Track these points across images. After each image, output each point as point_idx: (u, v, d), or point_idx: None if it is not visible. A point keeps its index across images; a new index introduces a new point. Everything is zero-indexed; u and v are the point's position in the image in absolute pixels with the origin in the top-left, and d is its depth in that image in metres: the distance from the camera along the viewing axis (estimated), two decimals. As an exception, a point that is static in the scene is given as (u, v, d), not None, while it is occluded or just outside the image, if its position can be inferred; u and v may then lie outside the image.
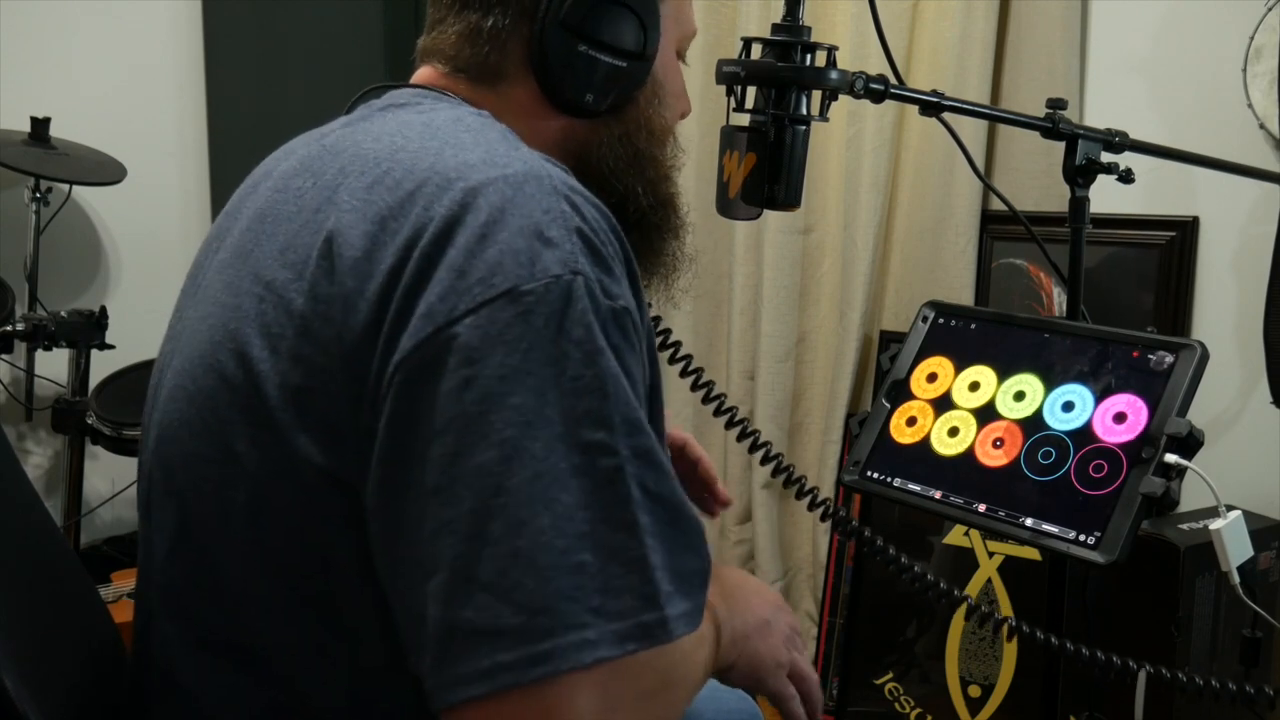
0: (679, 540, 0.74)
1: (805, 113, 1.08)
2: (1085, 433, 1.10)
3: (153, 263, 2.68)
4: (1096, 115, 2.20)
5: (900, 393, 1.26)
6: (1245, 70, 1.97)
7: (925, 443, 1.21)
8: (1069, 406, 1.13)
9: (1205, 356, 1.08)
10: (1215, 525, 1.07)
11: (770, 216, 2.43)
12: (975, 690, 2.11)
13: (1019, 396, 1.17)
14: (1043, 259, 1.42)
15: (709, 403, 0.99)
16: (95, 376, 2.39)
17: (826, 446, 2.50)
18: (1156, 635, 1.78)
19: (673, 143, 1.00)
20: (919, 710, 2.21)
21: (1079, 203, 1.29)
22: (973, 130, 2.23)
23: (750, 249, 2.55)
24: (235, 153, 2.71)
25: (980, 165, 2.10)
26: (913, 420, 1.23)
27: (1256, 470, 1.96)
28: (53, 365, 2.48)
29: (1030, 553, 2.00)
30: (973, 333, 1.25)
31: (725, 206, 1.11)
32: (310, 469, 0.76)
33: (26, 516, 1.02)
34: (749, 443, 1.01)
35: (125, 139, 2.51)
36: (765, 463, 1.02)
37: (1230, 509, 1.08)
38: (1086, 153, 1.27)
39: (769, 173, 1.07)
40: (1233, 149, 1.82)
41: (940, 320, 1.29)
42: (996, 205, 2.30)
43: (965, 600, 1.03)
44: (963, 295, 2.32)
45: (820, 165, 2.47)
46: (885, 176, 2.40)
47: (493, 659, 0.67)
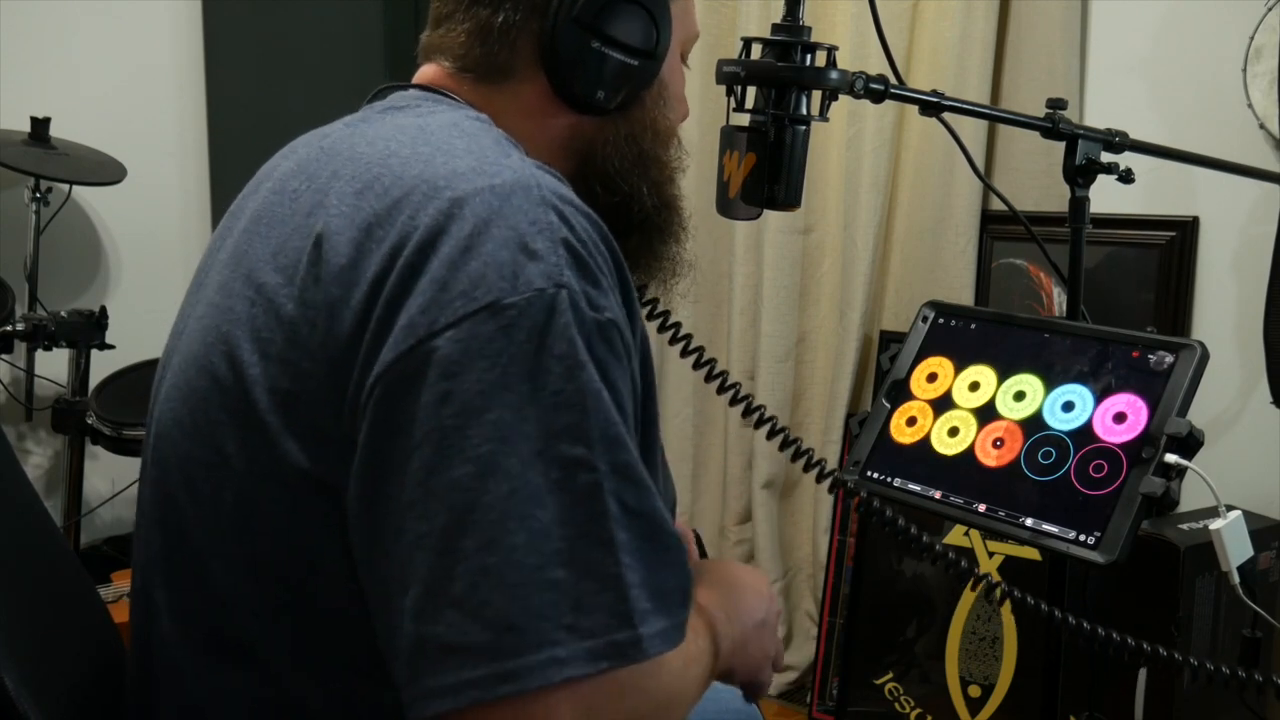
0: (658, 557, 0.73)
1: (805, 113, 1.08)
2: (1085, 432, 1.10)
3: (153, 263, 2.68)
4: (1096, 115, 2.20)
5: (900, 393, 1.26)
6: (1245, 70, 1.97)
7: (925, 443, 1.21)
8: (1069, 406, 1.13)
9: (1205, 356, 1.08)
10: (1215, 525, 1.07)
11: (770, 216, 2.43)
12: (975, 690, 2.11)
13: (1019, 396, 1.17)
14: (1043, 259, 1.42)
15: (711, 380, 0.99)
16: (95, 376, 2.39)
17: (826, 446, 2.50)
18: (1156, 635, 1.77)
19: (676, 145, 1.00)
20: (919, 710, 2.21)
21: (1079, 203, 1.29)
22: (973, 130, 2.23)
23: (750, 249, 2.56)
24: (235, 153, 2.71)
25: (980, 165, 2.10)
26: (913, 420, 1.23)
27: (1256, 470, 1.96)
28: (53, 365, 2.48)
29: (1030, 553, 2.00)
30: (973, 333, 1.25)
31: (725, 206, 1.11)
32: (296, 473, 0.76)
33: (26, 517, 1.02)
34: (754, 418, 1.01)
35: (125, 139, 2.51)
36: (772, 436, 1.01)
37: (1230, 509, 1.08)
38: (1086, 153, 1.27)
39: (769, 173, 1.07)
40: (1233, 149, 1.82)
41: (940, 320, 1.29)
42: (996, 205, 2.30)
43: (976, 575, 1.03)
44: (963, 295, 2.32)
45: (820, 165, 2.47)
46: (885, 176, 2.40)
47: (459, 675, 0.67)
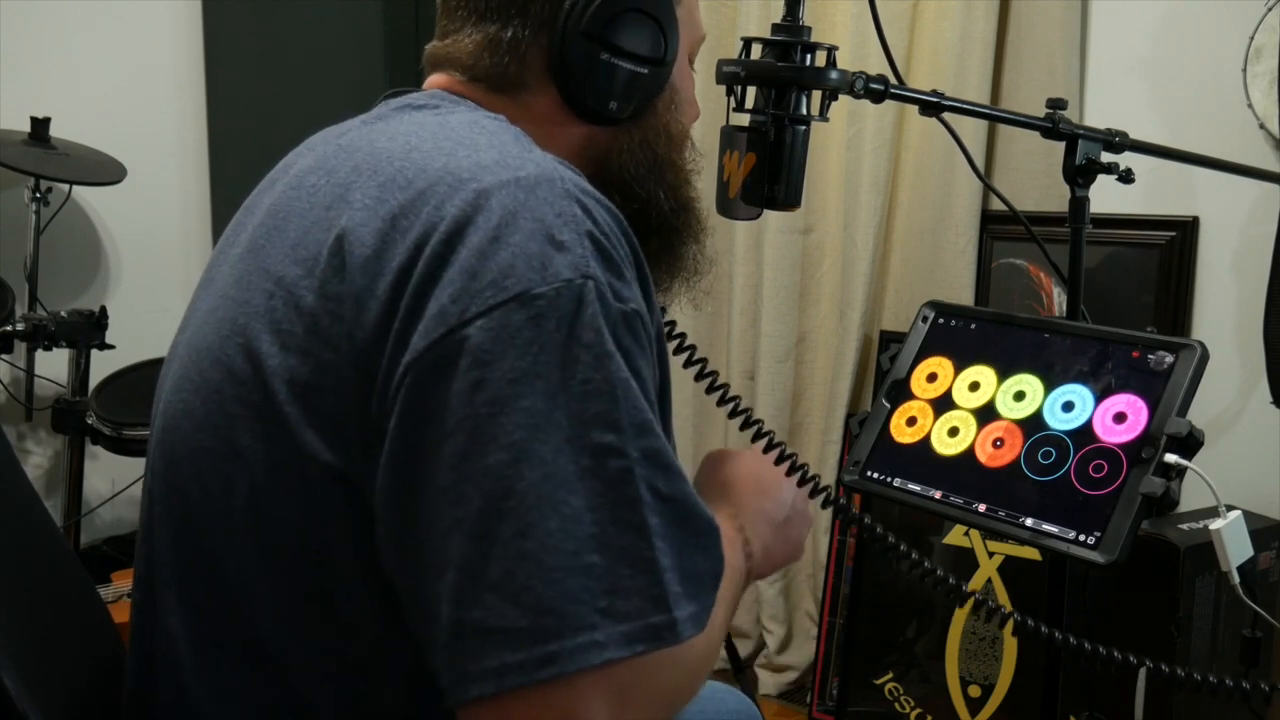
0: (689, 542, 0.74)
1: (805, 113, 1.08)
2: (1085, 432, 1.10)
3: (153, 263, 2.68)
4: (1096, 115, 2.20)
5: (900, 393, 1.26)
6: (1245, 70, 1.98)
7: (925, 443, 1.21)
8: (1069, 406, 1.13)
9: (1205, 356, 1.08)
10: (1215, 525, 1.07)
11: (770, 216, 2.43)
12: (975, 690, 2.11)
13: (1019, 396, 1.17)
14: (1043, 259, 1.43)
15: (712, 393, 0.99)
16: (95, 376, 2.39)
17: (826, 446, 2.50)
18: (1156, 635, 1.78)
19: (690, 147, 1.00)
20: (919, 710, 2.21)
21: (1079, 203, 1.29)
22: (973, 130, 2.23)
23: (750, 249, 2.56)
24: (235, 153, 2.72)
25: (980, 165, 2.10)
26: (913, 420, 1.23)
27: (1256, 470, 1.96)
28: (53, 365, 2.48)
29: (1030, 553, 2.00)
30: (973, 333, 1.25)
31: (725, 206, 1.11)
32: (315, 465, 0.76)
33: (26, 517, 1.02)
34: (752, 432, 1.01)
35: (125, 139, 2.51)
36: (768, 450, 1.01)
37: (1230, 509, 1.08)
38: (1086, 153, 1.27)
39: (769, 173, 1.07)
40: (1233, 149, 1.83)
41: (940, 320, 1.29)
42: (996, 205, 2.31)
43: (971, 596, 1.03)
44: (963, 295, 2.32)
45: (820, 165, 2.47)
46: (885, 176, 2.40)
47: (500, 659, 0.68)
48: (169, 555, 0.86)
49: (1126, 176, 1.29)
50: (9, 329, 2.25)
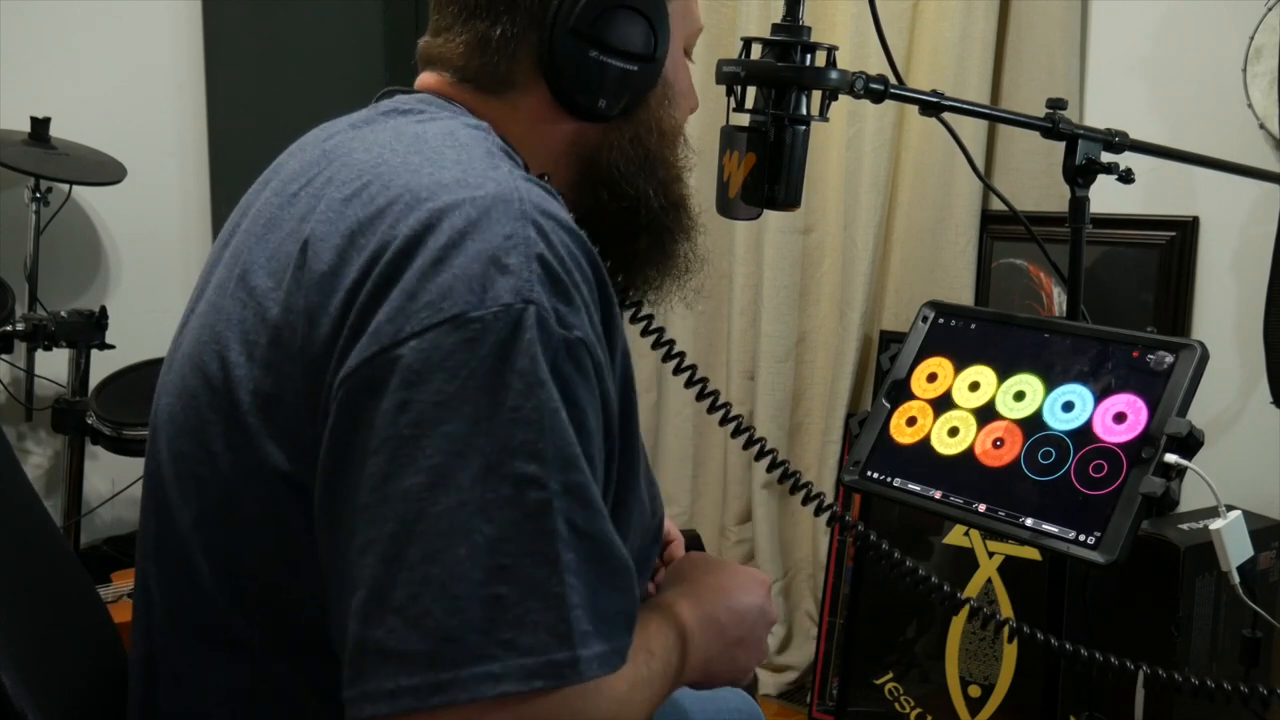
0: (604, 580, 0.73)
1: (805, 113, 1.08)
2: (1085, 432, 1.10)
3: (153, 263, 2.68)
4: (1096, 115, 2.20)
5: (900, 393, 1.26)
6: (1245, 70, 1.98)
7: (925, 443, 1.21)
8: (1069, 406, 1.13)
9: (1205, 356, 1.08)
10: (1215, 525, 1.07)
11: (770, 216, 2.43)
12: (975, 690, 2.11)
13: (1019, 396, 1.17)
14: (1043, 259, 1.43)
15: (703, 399, 0.99)
16: (95, 376, 2.39)
17: (826, 446, 2.50)
18: (1156, 635, 1.78)
19: (683, 143, 1.00)
20: (919, 710, 2.21)
21: (1079, 203, 1.29)
22: (973, 130, 2.23)
23: (750, 249, 2.56)
24: (235, 153, 2.71)
25: (980, 165, 2.10)
26: (913, 420, 1.23)
27: (1256, 470, 1.96)
28: (53, 365, 2.48)
29: (1030, 553, 2.00)
30: (973, 333, 1.25)
31: (725, 206, 1.11)
32: (276, 475, 0.77)
33: (26, 517, 1.02)
34: (744, 439, 1.01)
35: (125, 139, 2.51)
36: (760, 458, 1.01)
37: (1230, 509, 1.08)
38: (1086, 153, 1.27)
39: (769, 173, 1.07)
40: (1233, 149, 1.83)
41: (940, 320, 1.29)
42: (996, 205, 2.31)
43: (966, 603, 1.03)
44: (963, 295, 2.32)
45: (820, 165, 2.47)
46: (885, 176, 2.40)
47: (396, 681, 0.68)
48: (153, 551, 0.88)
49: (1126, 176, 1.29)
50: (9, 329, 2.25)
